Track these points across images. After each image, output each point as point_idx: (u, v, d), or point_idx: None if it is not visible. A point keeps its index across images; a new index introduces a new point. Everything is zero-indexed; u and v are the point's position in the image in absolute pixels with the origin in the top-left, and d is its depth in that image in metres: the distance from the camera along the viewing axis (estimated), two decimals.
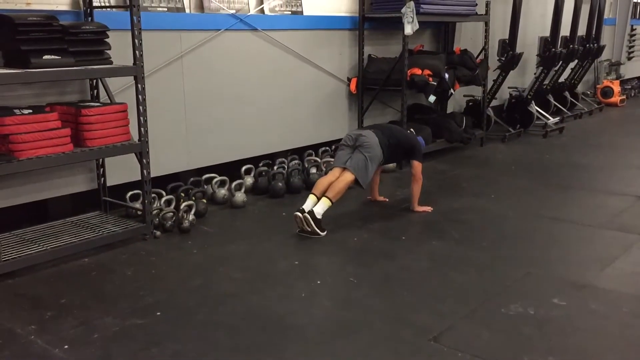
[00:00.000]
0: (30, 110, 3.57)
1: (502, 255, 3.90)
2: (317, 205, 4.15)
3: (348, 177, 4.27)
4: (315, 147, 5.99)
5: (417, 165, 4.63)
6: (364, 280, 3.53)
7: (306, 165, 5.59)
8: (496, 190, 5.41)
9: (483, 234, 4.29)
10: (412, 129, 5.42)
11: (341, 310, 3.17)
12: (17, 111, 3.52)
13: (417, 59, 6.28)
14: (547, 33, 8.11)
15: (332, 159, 5.62)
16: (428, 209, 4.72)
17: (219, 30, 4.99)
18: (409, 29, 5.69)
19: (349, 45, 6.25)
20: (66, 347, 2.74)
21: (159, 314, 3.08)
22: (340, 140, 6.22)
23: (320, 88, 6.04)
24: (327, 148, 6.06)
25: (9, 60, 3.63)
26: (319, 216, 4.12)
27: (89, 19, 4.10)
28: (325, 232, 4.16)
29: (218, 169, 5.14)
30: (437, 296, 3.31)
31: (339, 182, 4.23)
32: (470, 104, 7.70)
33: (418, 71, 6.02)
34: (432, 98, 6.15)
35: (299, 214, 4.12)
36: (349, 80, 6.30)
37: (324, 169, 5.50)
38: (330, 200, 4.17)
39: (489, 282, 3.50)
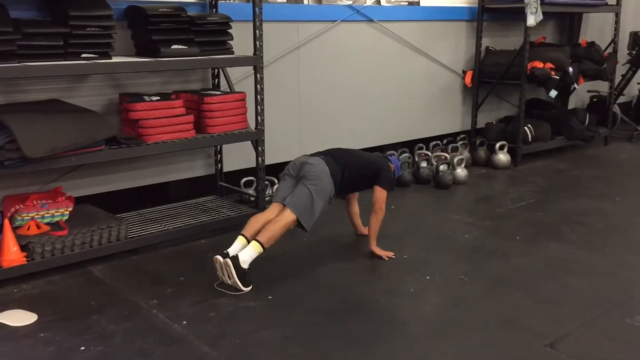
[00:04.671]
0: (158, 97, 3.78)
1: (628, 262, 3.64)
2: (243, 251, 3.23)
3: (287, 217, 3.34)
4: (426, 141, 5.89)
5: (379, 192, 3.65)
6: (475, 279, 3.43)
7: (416, 159, 5.51)
8: (621, 193, 5.06)
9: (606, 238, 4.03)
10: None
11: (451, 308, 3.10)
12: (146, 98, 3.73)
13: (538, 51, 6.00)
14: None
15: (444, 154, 5.53)
16: (389, 254, 3.70)
17: (336, 21, 5.02)
18: (532, 20, 5.44)
19: (465, 37, 6.08)
20: (185, 322, 2.89)
21: (270, 297, 3.17)
22: (451, 135, 6.15)
23: (434, 81, 5.92)
24: (439, 142, 5.94)
25: (140, 50, 3.86)
26: (244, 265, 3.18)
27: (214, 10, 4.26)
28: (250, 288, 3.21)
29: None
30: (553, 301, 3.16)
31: (275, 224, 3.30)
32: (594, 100, 7.26)
33: (539, 64, 5.75)
34: (553, 93, 5.86)
35: (219, 257, 3.20)
36: (464, 73, 6.13)
37: (434, 163, 5.40)
38: (262, 245, 3.24)
39: (612, 289, 3.28)
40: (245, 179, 4.62)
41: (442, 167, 5.29)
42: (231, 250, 3.26)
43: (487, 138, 6.11)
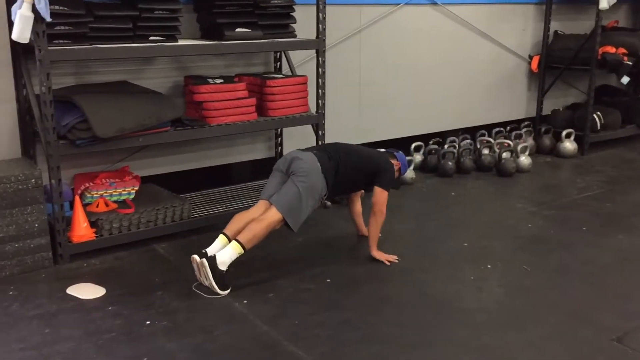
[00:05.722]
0: (222, 80, 3.83)
1: None
2: (222, 251, 3.01)
3: (272, 216, 3.09)
4: (488, 128, 5.76)
5: (379, 193, 3.38)
6: (539, 269, 3.34)
7: (478, 146, 5.40)
8: None
9: None
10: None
11: (513, 298, 3.03)
12: (210, 80, 3.79)
13: (610, 36, 5.76)
14: None
15: (507, 141, 5.39)
16: (392, 258, 3.42)
17: (399, 4, 4.95)
18: (604, 4, 5.22)
19: (533, 20, 5.89)
20: (245, 302, 2.94)
21: (328, 280, 3.18)
22: (514, 122, 5.99)
23: (499, 65, 5.77)
24: (502, 129, 5.79)
25: (205, 33, 3.91)
26: (222, 267, 2.96)
27: None
28: (228, 291, 2.99)
29: (387, 144, 5.14)
30: (622, 294, 3.05)
31: (259, 223, 3.05)
32: None
33: (611, 49, 5.53)
34: (625, 79, 5.61)
35: (196, 257, 3.00)
36: (531, 58, 5.95)
37: (497, 151, 5.27)
38: (243, 246, 3.00)
39: None
40: None
41: (505, 155, 5.16)
42: (210, 250, 3.04)
43: (552, 125, 5.92)
